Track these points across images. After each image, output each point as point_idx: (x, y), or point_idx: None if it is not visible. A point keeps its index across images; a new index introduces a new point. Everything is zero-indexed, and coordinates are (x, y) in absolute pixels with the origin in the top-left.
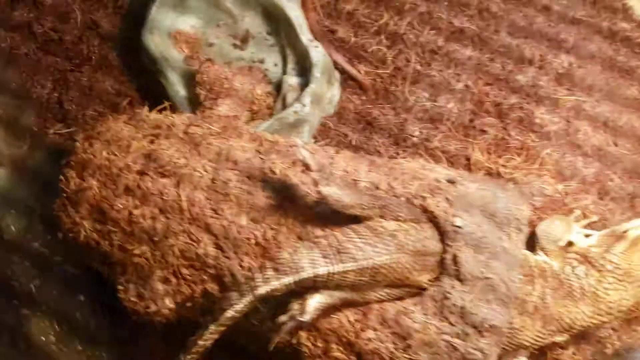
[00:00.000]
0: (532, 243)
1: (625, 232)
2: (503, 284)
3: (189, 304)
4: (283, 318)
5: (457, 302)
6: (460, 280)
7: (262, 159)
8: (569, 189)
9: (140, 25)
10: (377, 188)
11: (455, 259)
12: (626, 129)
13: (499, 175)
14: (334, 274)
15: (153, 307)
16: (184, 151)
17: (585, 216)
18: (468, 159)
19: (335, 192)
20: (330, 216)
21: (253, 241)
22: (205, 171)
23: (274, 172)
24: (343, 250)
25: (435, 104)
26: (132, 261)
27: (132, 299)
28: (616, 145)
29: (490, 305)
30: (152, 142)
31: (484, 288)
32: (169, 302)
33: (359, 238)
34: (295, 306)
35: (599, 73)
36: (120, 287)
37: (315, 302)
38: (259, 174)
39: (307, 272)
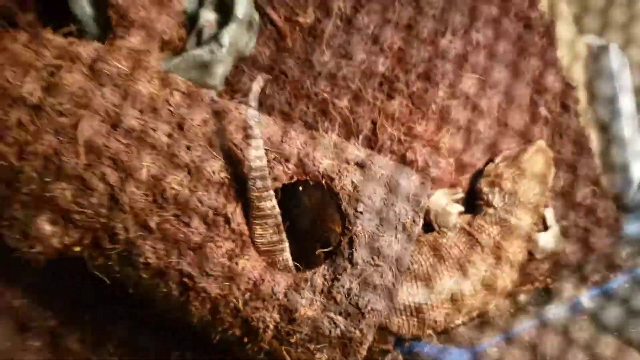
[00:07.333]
0: None
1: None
2: (390, 272)
3: (77, 248)
4: None
5: (345, 284)
6: (352, 264)
7: (170, 111)
8: (458, 164)
9: None
10: (287, 161)
11: (351, 243)
12: (515, 118)
13: (399, 142)
14: None
15: (38, 248)
16: (87, 90)
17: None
18: (374, 123)
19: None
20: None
21: (150, 198)
22: (109, 116)
23: (180, 128)
24: None
25: (350, 62)
26: (19, 198)
27: (16, 236)
28: (506, 125)
29: (376, 290)
30: (52, 74)
31: (372, 274)
32: (55, 243)
33: None
34: None
35: (501, 55)
36: (4, 223)
37: None
38: (167, 128)
39: None
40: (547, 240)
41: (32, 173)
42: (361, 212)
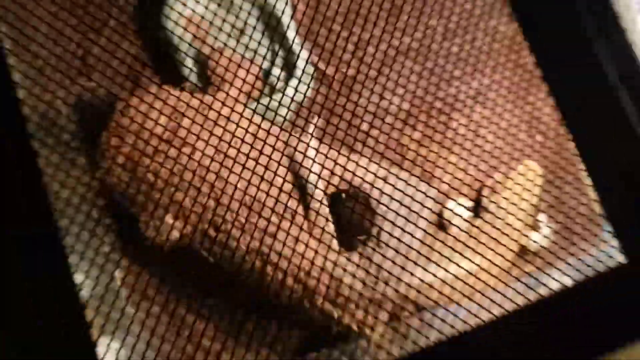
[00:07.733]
0: None
1: None
2: (409, 255)
3: (189, 238)
4: None
5: (375, 262)
6: (379, 246)
7: (254, 142)
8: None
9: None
10: (333, 174)
11: (379, 233)
12: (514, 143)
13: (421, 162)
14: None
15: (164, 238)
16: (198, 129)
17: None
18: (401, 147)
19: None
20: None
21: (241, 201)
22: (213, 146)
23: (261, 153)
24: None
25: (383, 101)
26: (153, 204)
27: (150, 230)
28: (506, 147)
29: (396, 267)
30: (175, 118)
31: (394, 255)
32: (176, 234)
33: None
34: None
35: (502, 94)
36: (141, 221)
37: None
38: (252, 154)
39: None
40: (538, 239)
41: (162, 186)
42: (387, 212)
